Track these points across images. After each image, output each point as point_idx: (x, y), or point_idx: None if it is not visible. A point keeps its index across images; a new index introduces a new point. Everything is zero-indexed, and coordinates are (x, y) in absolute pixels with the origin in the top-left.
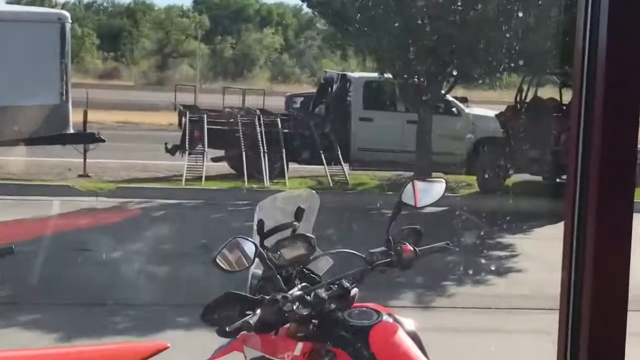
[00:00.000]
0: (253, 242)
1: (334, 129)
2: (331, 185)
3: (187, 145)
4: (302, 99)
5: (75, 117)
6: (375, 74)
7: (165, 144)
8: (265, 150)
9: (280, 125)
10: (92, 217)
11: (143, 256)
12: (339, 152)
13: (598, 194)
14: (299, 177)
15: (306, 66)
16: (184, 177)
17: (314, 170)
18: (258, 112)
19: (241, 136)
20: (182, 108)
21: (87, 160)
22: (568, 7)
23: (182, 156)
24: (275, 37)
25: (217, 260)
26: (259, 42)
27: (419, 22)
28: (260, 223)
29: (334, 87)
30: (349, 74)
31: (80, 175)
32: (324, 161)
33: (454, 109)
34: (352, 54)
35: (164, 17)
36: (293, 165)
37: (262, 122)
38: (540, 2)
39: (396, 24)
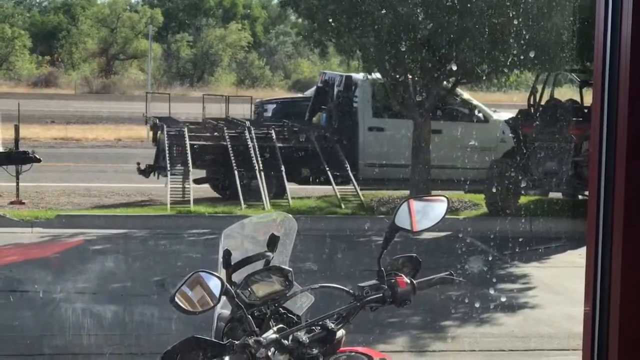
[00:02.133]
0: (218, 277)
1: (339, 141)
2: (342, 208)
3: (168, 165)
4: (274, 105)
5: (4, 133)
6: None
7: (138, 163)
8: (261, 168)
9: (275, 139)
10: (27, 251)
11: (87, 296)
12: (348, 169)
13: (625, 213)
14: (300, 197)
15: (279, 67)
16: (168, 201)
17: (314, 191)
18: (248, 123)
19: (231, 152)
20: (157, 121)
21: (20, 184)
22: None
23: (158, 178)
24: (242, 33)
25: (176, 299)
26: (221, 39)
27: (411, 9)
28: (227, 254)
29: (336, 90)
30: (355, 75)
31: (12, 202)
32: (332, 180)
33: (480, 114)
34: (333, 52)
35: (108, 13)
36: (291, 186)
37: (253, 135)
38: None
39: (383, 11)
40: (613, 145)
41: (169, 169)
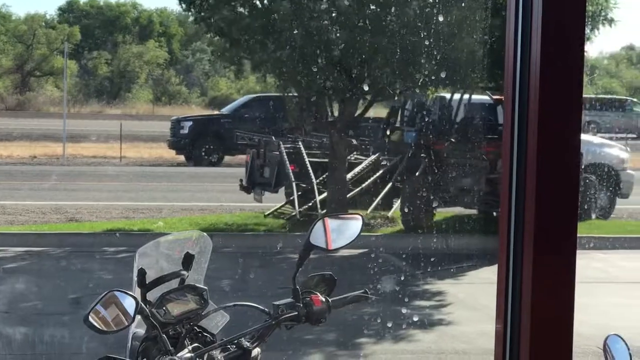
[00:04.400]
0: (133, 296)
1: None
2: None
3: (292, 178)
4: (190, 123)
5: None
6: None
7: (240, 180)
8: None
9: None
10: None
11: None
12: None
13: (535, 229)
14: None
15: (195, 84)
16: (297, 210)
17: None
18: (367, 140)
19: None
20: (262, 139)
21: None
22: (497, 9)
23: (262, 193)
24: (159, 50)
25: (90, 318)
26: (138, 56)
27: (323, 26)
28: (141, 273)
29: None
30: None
31: None
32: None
33: None
34: (249, 70)
35: (25, 29)
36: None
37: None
38: (463, 4)
39: (296, 32)
40: (524, 162)
41: (293, 181)
